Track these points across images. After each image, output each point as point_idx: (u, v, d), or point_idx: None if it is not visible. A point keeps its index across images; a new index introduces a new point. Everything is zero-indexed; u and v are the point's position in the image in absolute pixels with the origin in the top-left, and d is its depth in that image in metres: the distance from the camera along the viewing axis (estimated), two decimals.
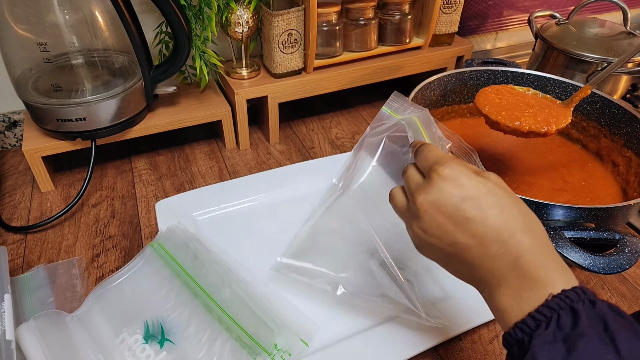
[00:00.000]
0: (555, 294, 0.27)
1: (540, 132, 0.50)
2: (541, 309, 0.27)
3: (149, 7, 0.65)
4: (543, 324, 0.27)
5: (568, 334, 0.26)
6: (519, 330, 0.28)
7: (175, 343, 0.42)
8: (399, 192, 0.37)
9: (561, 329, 0.26)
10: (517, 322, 0.28)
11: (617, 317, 0.26)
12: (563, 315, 0.26)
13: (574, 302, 0.27)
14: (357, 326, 0.46)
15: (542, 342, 0.26)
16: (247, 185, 0.62)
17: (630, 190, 0.58)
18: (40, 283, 0.50)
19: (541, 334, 0.26)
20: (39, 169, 0.62)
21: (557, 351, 0.25)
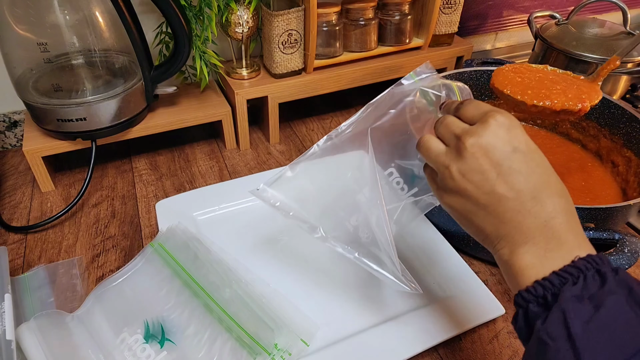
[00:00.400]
0: (582, 257, 0.28)
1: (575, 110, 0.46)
2: (567, 268, 0.28)
3: (149, 7, 0.65)
4: (570, 281, 0.27)
5: (595, 293, 0.26)
6: (540, 286, 0.28)
7: (176, 343, 0.42)
8: (433, 139, 0.36)
9: (587, 288, 0.27)
10: (539, 280, 0.28)
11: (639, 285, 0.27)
12: (589, 277, 0.27)
13: (600, 266, 0.27)
14: (357, 326, 0.46)
15: (570, 297, 0.26)
16: (247, 185, 0.62)
17: (630, 190, 0.58)
18: (41, 283, 0.50)
19: (569, 289, 0.27)
20: (40, 169, 0.62)
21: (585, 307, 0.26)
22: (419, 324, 0.46)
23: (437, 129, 0.36)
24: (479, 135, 0.32)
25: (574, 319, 0.26)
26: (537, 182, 0.30)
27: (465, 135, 0.32)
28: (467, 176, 0.32)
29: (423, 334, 0.45)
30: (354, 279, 0.52)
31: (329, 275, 0.52)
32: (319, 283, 0.51)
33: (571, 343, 0.25)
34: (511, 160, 0.31)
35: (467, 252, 0.55)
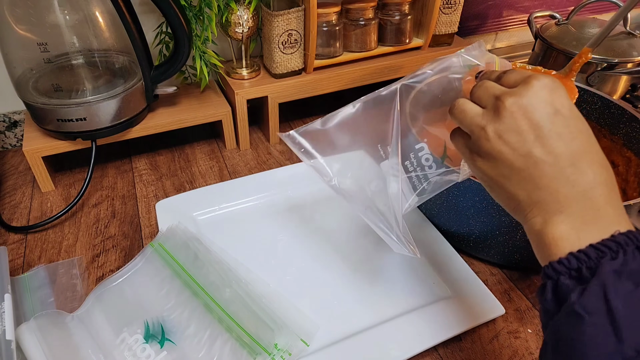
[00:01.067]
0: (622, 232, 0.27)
1: None
2: (606, 242, 0.27)
3: (150, 7, 0.66)
4: (608, 255, 0.26)
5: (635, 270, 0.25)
6: (574, 259, 0.27)
7: (176, 343, 0.42)
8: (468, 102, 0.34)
9: (627, 264, 0.26)
10: (573, 252, 0.27)
11: None
12: (629, 253, 0.26)
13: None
14: (357, 326, 0.46)
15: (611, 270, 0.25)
16: (248, 185, 0.62)
17: (630, 190, 0.58)
18: (41, 283, 0.50)
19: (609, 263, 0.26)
20: (40, 169, 0.62)
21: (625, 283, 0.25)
22: (419, 324, 0.46)
23: (474, 92, 0.34)
24: (519, 95, 0.30)
25: (615, 293, 0.25)
26: (578, 148, 0.29)
27: (505, 95, 0.31)
28: (503, 137, 0.30)
29: (423, 333, 0.45)
30: (354, 279, 0.52)
31: (329, 275, 0.52)
32: (319, 283, 0.51)
33: (611, 318, 0.24)
34: (552, 122, 0.29)
35: (467, 252, 0.55)
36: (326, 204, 0.61)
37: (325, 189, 0.55)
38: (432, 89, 0.43)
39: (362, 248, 0.55)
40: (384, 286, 0.51)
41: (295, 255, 0.55)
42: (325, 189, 0.55)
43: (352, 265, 0.53)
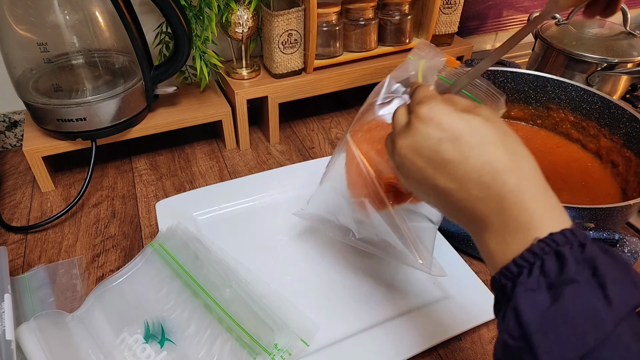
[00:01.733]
0: (541, 238, 0.26)
1: None
2: (525, 254, 0.26)
3: (150, 7, 0.66)
4: (525, 270, 0.25)
5: (553, 280, 0.24)
6: (502, 276, 0.27)
7: (176, 343, 0.42)
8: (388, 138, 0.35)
9: (546, 275, 0.25)
10: (502, 267, 0.27)
11: (610, 259, 0.25)
12: (547, 261, 0.25)
13: (560, 246, 0.25)
14: (357, 326, 0.46)
15: (525, 290, 0.25)
16: (247, 185, 0.62)
17: (630, 191, 0.58)
18: (41, 283, 0.50)
19: (524, 282, 0.25)
20: (40, 169, 0.62)
21: (540, 299, 0.24)
22: (419, 323, 0.46)
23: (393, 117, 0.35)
24: (404, 137, 0.31)
25: (529, 315, 0.24)
26: (475, 165, 0.28)
27: (396, 137, 0.32)
28: (410, 178, 0.32)
29: (423, 333, 0.45)
30: (354, 279, 0.52)
31: (329, 276, 0.52)
32: (319, 283, 0.51)
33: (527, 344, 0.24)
34: (440, 152, 0.29)
35: (467, 252, 0.55)
36: None
37: None
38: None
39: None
40: (384, 286, 0.51)
41: (295, 255, 0.55)
42: None
43: (352, 265, 0.53)
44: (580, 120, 0.66)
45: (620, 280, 0.24)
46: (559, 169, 0.63)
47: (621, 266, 0.25)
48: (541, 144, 0.68)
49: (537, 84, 0.68)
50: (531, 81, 0.68)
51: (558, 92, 0.67)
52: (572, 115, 0.67)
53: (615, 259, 0.25)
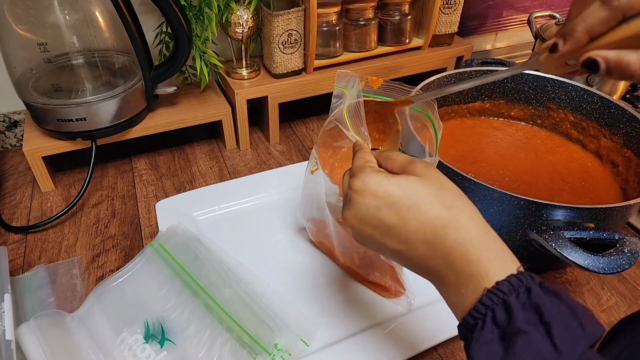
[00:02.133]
0: (489, 288, 0.26)
1: None
2: (477, 306, 0.27)
3: (150, 7, 0.66)
4: (480, 323, 0.26)
5: (505, 330, 0.25)
6: (463, 328, 0.28)
7: (176, 343, 0.42)
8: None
9: (498, 325, 0.26)
10: (462, 319, 0.28)
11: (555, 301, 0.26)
12: (497, 311, 0.26)
13: (506, 295, 0.26)
14: (357, 326, 0.46)
15: (481, 343, 0.26)
16: (248, 185, 0.62)
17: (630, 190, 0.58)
18: (41, 283, 0.50)
19: (478, 336, 0.26)
20: (40, 169, 0.62)
21: (494, 351, 0.25)
22: (419, 323, 0.46)
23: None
24: (348, 209, 0.32)
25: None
26: (416, 226, 0.29)
27: (343, 211, 0.33)
28: (364, 243, 0.33)
29: (423, 333, 0.45)
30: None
31: (329, 276, 0.52)
32: (319, 283, 0.51)
33: None
34: (381, 219, 0.30)
35: None
36: None
37: None
38: None
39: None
40: None
41: (295, 255, 0.54)
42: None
43: None
44: (580, 120, 0.66)
45: (566, 323, 0.24)
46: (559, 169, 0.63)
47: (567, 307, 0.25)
48: (541, 144, 0.68)
49: (537, 84, 0.68)
50: (531, 81, 0.68)
51: (558, 92, 0.67)
52: (572, 115, 0.67)
53: (560, 299, 0.26)
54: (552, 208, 0.45)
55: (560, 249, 0.42)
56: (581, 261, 0.42)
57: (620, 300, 0.52)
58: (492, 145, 0.67)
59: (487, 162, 0.63)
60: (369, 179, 0.31)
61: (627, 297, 0.52)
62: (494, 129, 0.70)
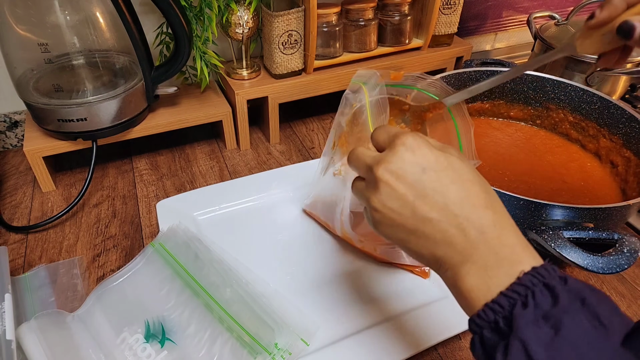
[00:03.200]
0: (526, 271, 0.26)
1: None
2: (514, 287, 0.26)
3: (150, 7, 0.66)
4: (519, 303, 0.25)
5: (548, 311, 0.25)
6: (490, 311, 0.26)
7: (176, 342, 0.42)
8: (356, 180, 0.35)
9: (539, 307, 0.25)
10: (488, 303, 0.27)
11: (592, 291, 0.26)
12: (538, 293, 0.25)
13: (547, 279, 0.26)
14: (357, 325, 0.47)
15: (526, 322, 0.25)
16: (248, 185, 0.62)
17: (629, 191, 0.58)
18: (41, 283, 0.50)
19: (521, 314, 0.25)
20: (40, 169, 0.62)
21: (542, 330, 0.24)
22: (419, 323, 0.46)
23: (349, 163, 0.35)
24: (387, 162, 0.31)
25: (535, 347, 0.24)
26: (455, 198, 0.29)
27: (375, 165, 0.31)
28: (387, 205, 0.31)
29: (423, 333, 0.45)
30: (354, 279, 0.52)
31: (329, 275, 0.52)
32: (319, 283, 0.51)
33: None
34: (423, 181, 0.29)
35: None
36: None
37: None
38: None
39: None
40: (384, 285, 0.51)
41: (295, 254, 0.55)
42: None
43: (352, 265, 0.54)
44: (579, 120, 0.66)
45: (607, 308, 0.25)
46: (559, 169, 0.63)
47: (602, 296, 0.26)
48: (541, 144, 0.68)
49: (537, 84, 0.68)
50: (530, 81, 0.68)
51: (557, 93, 0.67)
52: (572, 115, 0.67)
53: (594, 291, 0.26)
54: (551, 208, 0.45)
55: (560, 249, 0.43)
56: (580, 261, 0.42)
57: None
58: (492, 145, 0.67)
59: (487, 162, 0.63)
60: (422, 140, 0.31)
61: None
62: (493, 129, 0.70)
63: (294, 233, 0.57)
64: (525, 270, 0.26)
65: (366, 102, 0.42)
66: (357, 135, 0.45)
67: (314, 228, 0.58)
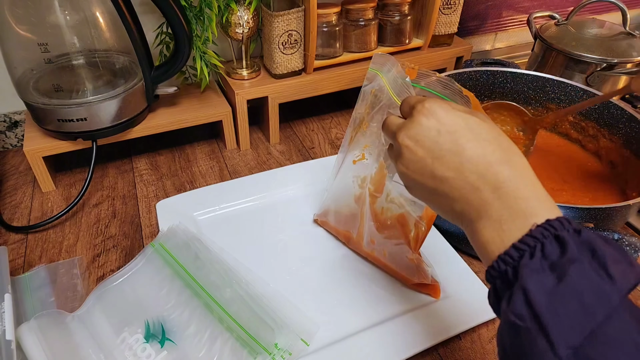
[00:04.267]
0: (539, 224, 0.27)
1: None
2: (525, 239, 0.27)
3: (150, 7, 0.66)
4: (527, 254, 0.26)
5: (555, 262, 0.25)
6: (501, 262, 0.27)
7: (176, 342, 0.42)
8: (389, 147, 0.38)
9: (547, 257, 0.26)
10: (500, 254, 0.28)
11: (605, 243, 0.26)
12: (547, 244, 0.26)
13: (558, 231, 0.26)
14: (357, 325, 0.47)
15: (530, 271, 0.26)
16: (248, 185, 0.62)
17: (629, 190, 0.58)
18: (41, 283, 0.50)
19: (527, 264, 0.26)
20: (40, 169, 0.62)
21: (546, 279, 0.25)
22: (419, 323, 0.46)
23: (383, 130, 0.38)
24: (407, 128, 0.33)
25: (537, 295, 0.25)
26: (471, 156, 0.30)
27: (398, 131, 0.34)
28: (410, 167, 0.33)
29: (423, 333, 0.45)
30: (354, 279, 0.52)
31: (329, 275, 0.52)
32: (319, 283, 0.51)
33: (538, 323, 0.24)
34: (439, 143, 0.31)
35: (467, 252, 0.55)
36: None
37: (325, 190, 0.55)
38: None
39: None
40: (384, 285, 0.51)
41: (295, 254, 0.55)
42: (325, 190, 0.55)
43: (352, 265, 0.53)
44: (579, 120, 0.66)
45: (618, 259, 0.25)
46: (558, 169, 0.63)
47: (616, 248, 0.26)
48: (541, 144, 0.68)
49: (537, 84, 0.68)
50: (531, 81, 0.68)
51: (557, 93, 0.67)
52: (572, 115, 0.67)
53: (609, 242, 0.26)
54: None
55: None
56: None
57: None
58: None
59: None
60: (438, 104, 0.32)
61: None
62: None
63: (294, 233, 0.57)
64: (539, 223, 0.27)
65: (384, 82, 0.43)
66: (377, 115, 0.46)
67: (314, 228, 0.58)
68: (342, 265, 0.53)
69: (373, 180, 0.48)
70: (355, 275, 0.52)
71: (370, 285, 0.51)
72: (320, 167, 0.65)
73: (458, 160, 0.30)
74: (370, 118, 0.46)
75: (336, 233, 0.56)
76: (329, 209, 0.55)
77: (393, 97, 0.42)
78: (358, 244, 0.53)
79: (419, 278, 0.49)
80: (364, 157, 0.49)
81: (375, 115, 0.45)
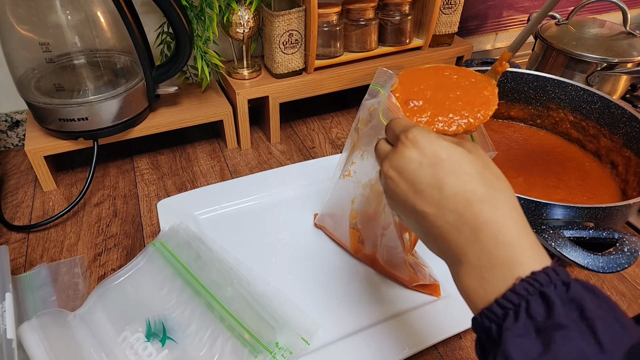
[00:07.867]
0: (523, 277, 0.25)
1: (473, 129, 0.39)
2: (508, 295, 0.25)
3: (151, 7, 0.66)
4: (511, 314, 0.24)
5: (541, 325, 0.23)
6: (486, 318, 0.25)
7: (177, 341, 0.42)
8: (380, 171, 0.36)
9: (532, 318, 0.24)
10: (484, 309, 0.26)
11: (594, 299, 0.24)
12: (533, 303, 0.24)
13: (544, 287, 0.24)
14: (357, 325, 0.47)
15: (514, 336, 0.23)
16: (248, 184, 0.62)
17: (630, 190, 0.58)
18: (43, 282, 0.50)
19: (511, 327, 0.24)
20: (42, 168, 0.62)
21: (531, 346, 0.23)
22: (420, 322, 0.46)
23: (375, 155, 0.37)
24: (390, 160, 0.32)
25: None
26: (450, 192, 0.28)
27: (382, 162, 0.33)
28: (394, 199, 0.32)
29: (423, 332, 0.45)
30: (355, 278, 0.52)
31: (330, 274, 0.52)
32: (320, 282, 0.51)
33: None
34: (419, 176, 0.29)
35: None
36: None
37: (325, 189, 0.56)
38: None
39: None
40: (385, 285, 0.51)
41: (296, 254, 0.55)
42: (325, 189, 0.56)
43: (352, 264, 0.54)
44: (579, 120, 0.66)
45: (608, 321, 0.23)
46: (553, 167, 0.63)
47: (606, 305, 0.24)
48: (540, 143, 0.68)
49: (537, 83, 0.68)
50: (531, 81, 0.68)
51: (558, 92, 0.67)
52: (572, 115, 0.67)
53: (599, 297, 0.24)
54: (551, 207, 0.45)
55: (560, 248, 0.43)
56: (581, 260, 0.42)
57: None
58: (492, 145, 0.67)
59: None
60: (422, 134, 0.30)
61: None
62: (492, 131, 0.70)
63: (294, 232, 0.57)
64: (523, 276, 0.25)
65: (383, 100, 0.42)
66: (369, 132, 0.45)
67: (314, 227, 0.58)
68: (342, 265, 0.53)
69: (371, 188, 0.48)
70: (356, 274, 0.52)
71: (371, 284, 0.51)
72: (320, 167, 0.65)
73: (437, 196, 0.29)
74: (363, 134, 0.46)
75: (333, 237, 0.56)
76: (326, 214, 0.55)
77: (382, 120, 0.41)
78: (357, 250, 0.54)
79: (417, 279, 0.49)
80: (350, 175, 0.49)
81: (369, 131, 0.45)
